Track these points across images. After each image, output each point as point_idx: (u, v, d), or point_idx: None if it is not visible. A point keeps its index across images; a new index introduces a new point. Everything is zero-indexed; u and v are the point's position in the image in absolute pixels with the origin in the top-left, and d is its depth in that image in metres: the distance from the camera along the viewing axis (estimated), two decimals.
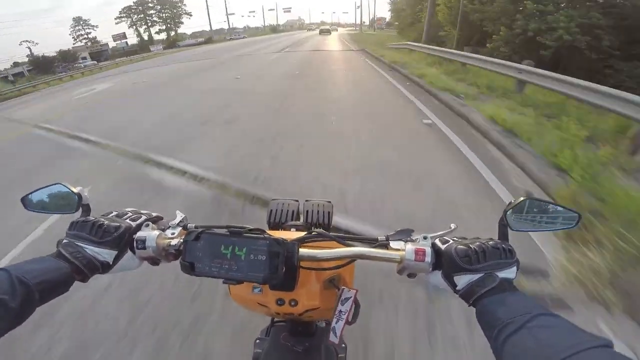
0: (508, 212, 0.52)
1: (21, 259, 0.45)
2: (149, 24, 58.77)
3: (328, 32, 44.31)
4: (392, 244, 0.53)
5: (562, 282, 1.76)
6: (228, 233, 0.48)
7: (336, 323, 0.53)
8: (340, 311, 0.53)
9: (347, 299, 0.54)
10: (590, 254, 1.88)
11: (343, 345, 0.81)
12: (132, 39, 58.35)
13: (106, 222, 0.53)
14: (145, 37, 57.90)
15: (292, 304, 0.57)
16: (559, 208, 0.55)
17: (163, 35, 60.37)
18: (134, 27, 57.94)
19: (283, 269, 0.46)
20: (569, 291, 1.71)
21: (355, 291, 0.55)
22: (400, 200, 2.63)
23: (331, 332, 0.53)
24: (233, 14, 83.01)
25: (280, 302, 0.57)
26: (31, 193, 0.63)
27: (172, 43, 53.51)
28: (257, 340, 0.80)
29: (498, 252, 0.47)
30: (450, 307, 1.62)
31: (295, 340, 0.72)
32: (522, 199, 0.53)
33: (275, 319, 0.85)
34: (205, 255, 0.47)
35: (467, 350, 1.45)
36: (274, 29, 79.51)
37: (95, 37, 54.62)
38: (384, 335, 1.54)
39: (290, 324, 0.75)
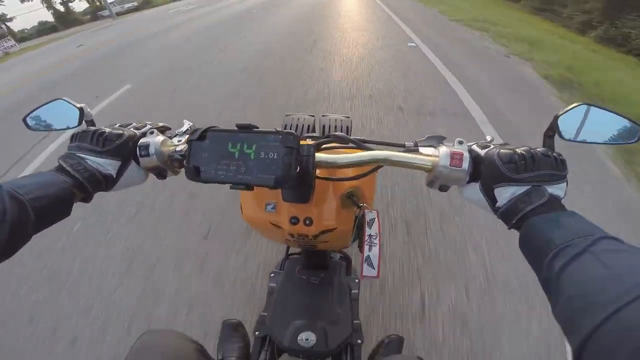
0: (559, 118, 0.44)
1: None
2: None
3: None
4: (422, 150, 0.47)
5: None
6: (237, 129, 0.43)
7: (370, 251, 0.46)
8: (370, 235, 0.47)
9: (372, 220, 0.49)
10: None
11: (357, 280, 0.78)
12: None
13: (108, 130, 0.49)
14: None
15: (307, 222, 0.53)
16: (620, 118, 0.47)
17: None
18: None
19: (297, 169, 0.40)
20: None
21: (376, 212, 0.50)
22: None
23: (365, 264, 0.46)
24: None
25: (294, 220, 0.53)
26: (32, 111, 0.60)
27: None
28: (272, 274, 0.79)
29: (549, 160, 0.39)
30: None
31: (310, 273, 0.71)
32: (576, 104, 0.45)
33: (290, 252, 0.83)
34: (211, 156, 0.42)
35: None
36: None
37: None
38: None
39: (305, 256, 0.74)
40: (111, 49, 8.84)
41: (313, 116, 0.75)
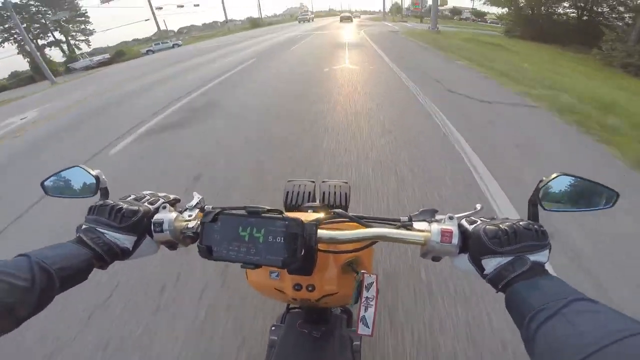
0: (540, 191, 0.48)
1: None
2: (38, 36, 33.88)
3: (349, 19, 39.51)
4: (416, 225, 0.51)
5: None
6: (246, 213, 0.47)
7: (365, 312, 0.50)
8: (367, 298, 0.51)
9: (370, 284, 0.52)
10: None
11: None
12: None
13: (125, 206, 0.52)
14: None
15: (310, 289, 0.56)
16: (595, 185, 0.51)
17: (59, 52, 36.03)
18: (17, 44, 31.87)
19: (302, 252, 0.44)
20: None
21: (375, 276, 0.53)
22: None
23: (360, 323, 0.49)
24: (160, 7, 47.48)
25: (297, 287, 0.56)
26: (50, 177, 0.64)
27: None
28: (273, 327, 0.80)
29: (530, 233, 0.43)
30: None
31: (311, 327, 0.72)
32: (555, 175, 0.49)
33: (291, 306, 0.85)
34: (222, 237, 0.46)
35: None
36: (255, 23, 50.79)
37: None
38: None
39: (306, 311, 0.75)
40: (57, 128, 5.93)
41: (313, 182, 0.79)
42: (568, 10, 16.98)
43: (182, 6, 54.72)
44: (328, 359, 0.70)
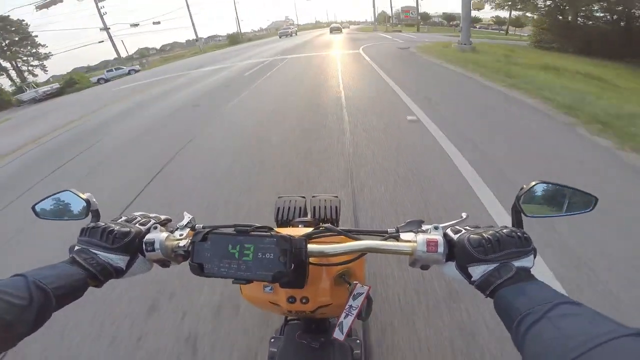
0: (521, 198, 0.50)
1: None
2: None
3: (339, 30, 40.53)
4: (403, 236, 0.52)
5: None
6: (235, 232, 0.48)
7: (344, 318, 0.51)
8: (351, 306, 0.52)
9: (359, 294, 0.53)
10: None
11: (358, 341, 0.81)
12: None
13: (116, 227, 0.53)
14: None
15: (304, 301, 0.57)
16: (574, 191, 0.53)
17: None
18: None
19: (292, 266, 0.45)
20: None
21: (368, 287, 0.54)
22: None
23: (337, 328, 0.51)
24: (109, 28, 34.10)
25: (291, 300, 0.57)
26: (41, 201, 0.65)
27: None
28: (272, 339, 0.80)
29: (513, 240, 0.45)
30: None
31: (310, 338, 0.72)
32: (534, 183, 0.51)
33: (289, 318, 0.85)
34: (213, 255, 0.47)
35: None
36: (234, 40, 45.95)
37: None
38: None
39: (304, 322, 0.75)
40: None
41: (304, 197, 0.81)
42: (601, 14, 13.93)
43: (136, 25, 47.99)
44: None
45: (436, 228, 0.50)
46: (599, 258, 1.68)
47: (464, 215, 0.54)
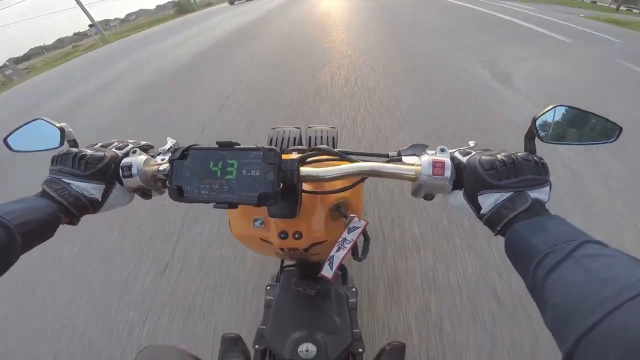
0: (537, 121, 0.45)
1: None
2: None
3: None
4: (405, 159, 0.47)
5: None
6: (217, 147, 0.43)
7: (336, 252, 0.47)
8: (345, 239, 0.48)
9: (355, 227, 0.50)
10: None
11: (354, 289, 0.79)
12: None
13: (89, 152, 0.48)
14: None
15: (296, 236, 0.53)
16: (596, 118, 0.47)
17: None
18: None
19: (280, 186, 0.40)
20: None
21: (365, 222, 0.50)
22: None
23: (326, 263, 0.47)
24: None
25: (283, 235, 0.53)
26: (12, 132, 0.60)
27: None
28: (268, 287, 0.79)
29: (530, 165, 0.39)
30: None
31: (306, 285, 0.71)
32: (552, 106, 0.45)
33: (285, 265, 0.83)
34: (193, 175, 0.42)
35: None
36: (183, 9, 28.52)
37: None
38: None
39: (299, 268, 0.73)
40: None
41: (299, 128, 0.75)
42: None
43: None
44: (324, 317, 0.69)
45: (443, 150, 0.45)
46: None
47: (471, 143, 0.48)
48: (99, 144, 0.53)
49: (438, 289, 1.44)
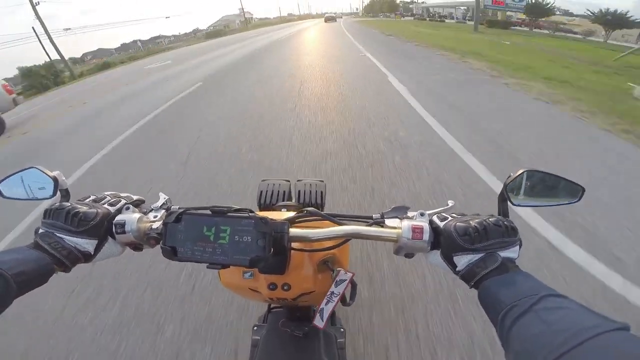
0: (508, 186, 0.49)
1: None
2: None
3: (333, 19, 40.76)
4: (388, 222, 0.50)
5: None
6: (210, 213, 0.45)
7: (325, 305, 0.50)
8: (333, 293, 0.51)
9: (342, 280, 0.52)
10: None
11: (342, 329, 0.80)
12: None
13: (82, 209, 0.49)
14: None
15: (285, 288, 0.55)
16: (561, 180, 0.52)
17: None
18: None
19: (271, 251, 0.43)
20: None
21: (351, 274, 0.52)
22: None
23: (317, 315, 0.50)
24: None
25: (272, 286, 0.55)
26: (5, 179, 0.60)
27: None
28: (255, 327, 0.78)
29: (500, 229, 0.43)
30: None
31: (294, 326, 0.71)
32: (521, 171, 0.50)
33: (272, 305, 0.84)
34: (187, 238, 0.44)
35: None
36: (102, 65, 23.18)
37: None
38: None
39: (288, 310, 0.74)
40: None
41: (289, 181, 0.78)
42: None
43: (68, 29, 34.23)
44: (313, 358, 0.69)
45: (422, 215, 0.49)
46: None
47: (450, 203, 0.53)
48: (91, 198, 0.55)
49: None
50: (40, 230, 0.48)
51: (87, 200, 0.54)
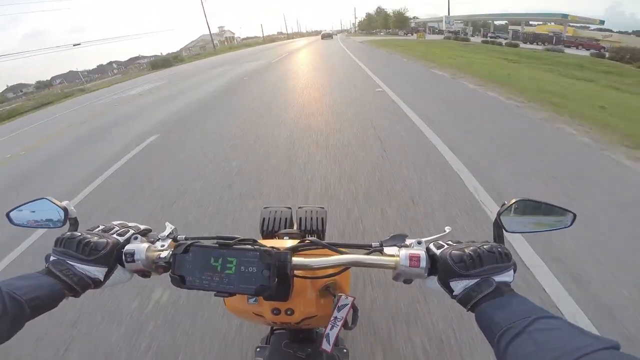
0: (502, 214, 0.51)
1: None
2: None
3: (330, 37, 42.08)
4: (386, 250, 0.53)
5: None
6: (217, 245, 0.47)
7: (330, 330, 0.52)
8: (336, 317, 0.52)
9: (344, 305, 0.54)
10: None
11: (345, 350, 0.80)
12: None
13: (93, 239, 0.52)
14: None
15: (289, 312, 0.57)
16: (553, 208, 0.55)
17: None
18: None
19: (275, 280, 0.45)
20: None
21: (352, 298, 0.54)
22: None
23: (324, 340, 0.52)
24: None
25: (276, 311, 0.57)
26: (16, 208, 0.62)
27: None
28: (258, 349, 0.79)
29: (494, 256, 0.46)
30: None
31: (297, 347, 0.72)
32: (514, 200, 0.52)
33: (275, 327, 0.84)
34: (195, 267, 0.47)
35: None
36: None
37: None
38: None
39: (290, 332, 0.75)
40: None
41: (290, 208, 0.81)
42: None
43: None
44: None
45: (419, 243, 0.51)
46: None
47: (447, 229, 0.55)
48: (100, 228, 0.57)
49: None
50: (52, 258, 0.50)
51: (97, 230, 0.56)
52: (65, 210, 0.58)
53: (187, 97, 8.86)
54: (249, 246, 0.47)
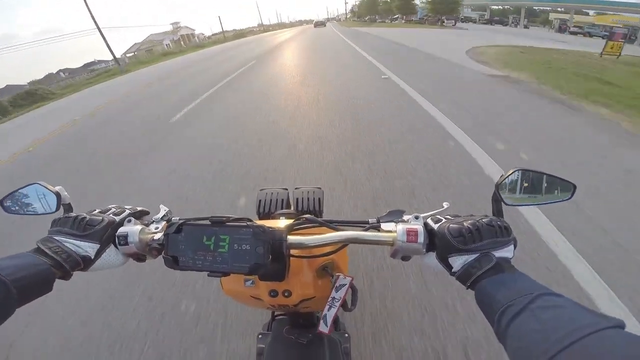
0: (500, 186, 0.50)
1: None
2: None
3: (323, 24, 43.46)
4: (383, 226, 0.52)
5: None
6: (209, 223, 0.46)
7: (328, 310, 0.51)
8: (334, 298, 0.52)
9: (342, 285, 0.53)
10: None
11: (346, 335, 0.80)
12: None
13: (88, 216, 0.52)
14: None
15: (286, 294, 0.56)
16: (553, 178, 0.53)
17: None
18: None
19: (269, 258, 0.44)
20: None
21: (350, 278, 0.53)
22: None
23: (321, 321, 0.51)
24: None
25: (273, 293, 0.56)
26: (8, 195, 0.61)
27: None
28: (260, 336, 0.79)
29: (493, 229, 0.44)
30: None
31: (298, 333, 0.72)
32: (512, 170, 0.51)
33: (276, 313, 0.84)
34: (188, 247, 0.46)
35: None
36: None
37: None
38: None
39: (291, 317, 0.75)
40: None
41: (286, 189, 0.80)
42: None
43: None
44: None
45: (416, 218, 0.50)
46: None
47: (445, 205, 0.54)
48: (97, 210, 0.56)
49: None
50: (44, 237, 0.49)
51: (94, 212, 0.55)
52: (57, 195, 0.57)
53: None
54: (242, 223, 0.46)
